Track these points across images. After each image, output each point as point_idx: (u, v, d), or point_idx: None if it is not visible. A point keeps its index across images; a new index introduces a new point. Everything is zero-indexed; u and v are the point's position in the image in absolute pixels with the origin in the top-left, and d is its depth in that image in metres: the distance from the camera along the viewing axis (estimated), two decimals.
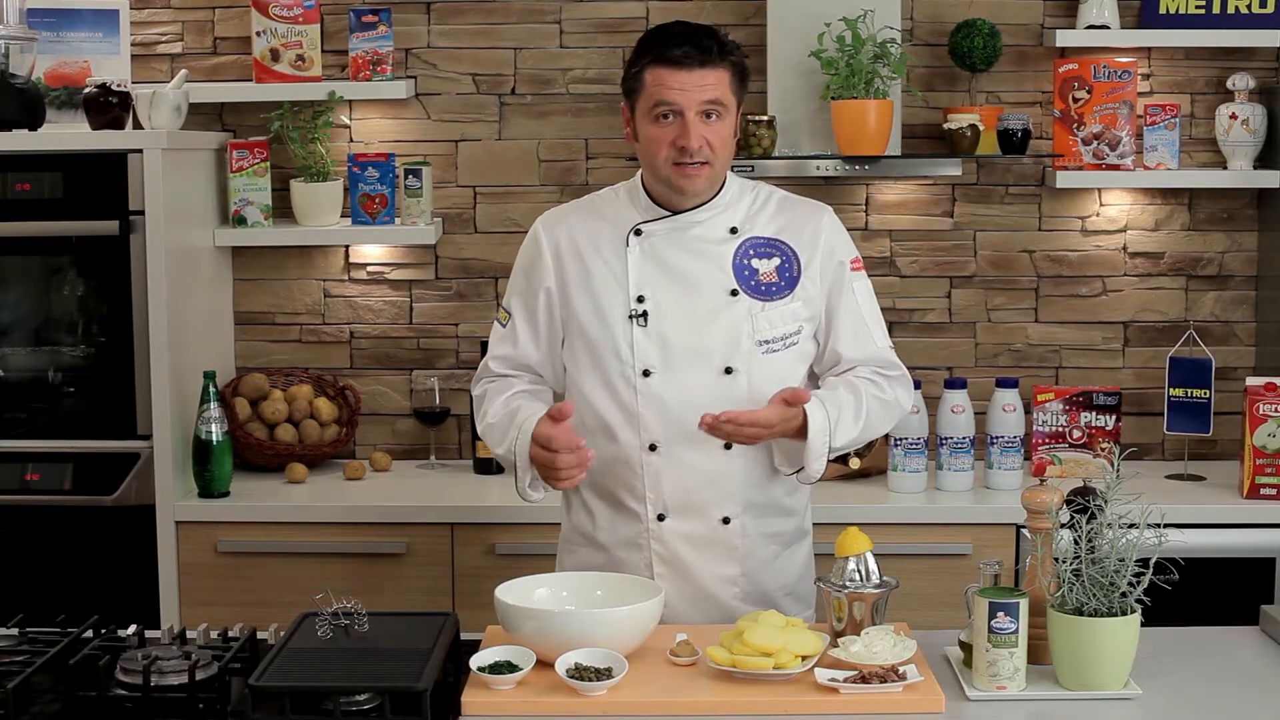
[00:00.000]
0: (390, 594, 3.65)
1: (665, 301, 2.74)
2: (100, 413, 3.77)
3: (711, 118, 2.67)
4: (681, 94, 2.65)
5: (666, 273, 2.75)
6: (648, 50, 2.70)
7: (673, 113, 2.66)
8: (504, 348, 2.89)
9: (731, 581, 2.78)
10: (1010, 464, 3.84)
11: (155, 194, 3.68)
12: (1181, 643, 2.56)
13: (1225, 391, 4.06)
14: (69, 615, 2.64)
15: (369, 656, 2.32)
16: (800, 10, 3.97)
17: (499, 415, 2.82)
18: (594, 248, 2.79)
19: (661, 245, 2.76)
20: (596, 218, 2.83)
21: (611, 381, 2.76)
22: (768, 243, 2.78)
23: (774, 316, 2.75)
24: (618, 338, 2.75)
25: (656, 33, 2.73)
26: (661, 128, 2.68)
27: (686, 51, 2.65)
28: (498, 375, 2.90)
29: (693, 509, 2.75)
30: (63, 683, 2.32)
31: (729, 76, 2.69)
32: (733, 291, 2.74)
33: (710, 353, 2.72)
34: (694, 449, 2.72)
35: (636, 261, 2.76)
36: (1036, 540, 2.42)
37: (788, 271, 2.77)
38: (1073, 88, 4.00)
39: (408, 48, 4.17)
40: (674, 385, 2.72)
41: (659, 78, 2.67)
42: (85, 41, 4.02)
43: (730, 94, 2.70)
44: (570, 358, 2.82)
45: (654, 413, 2.73)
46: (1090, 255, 4.17)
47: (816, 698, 2.26)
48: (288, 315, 4.25)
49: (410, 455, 4.23)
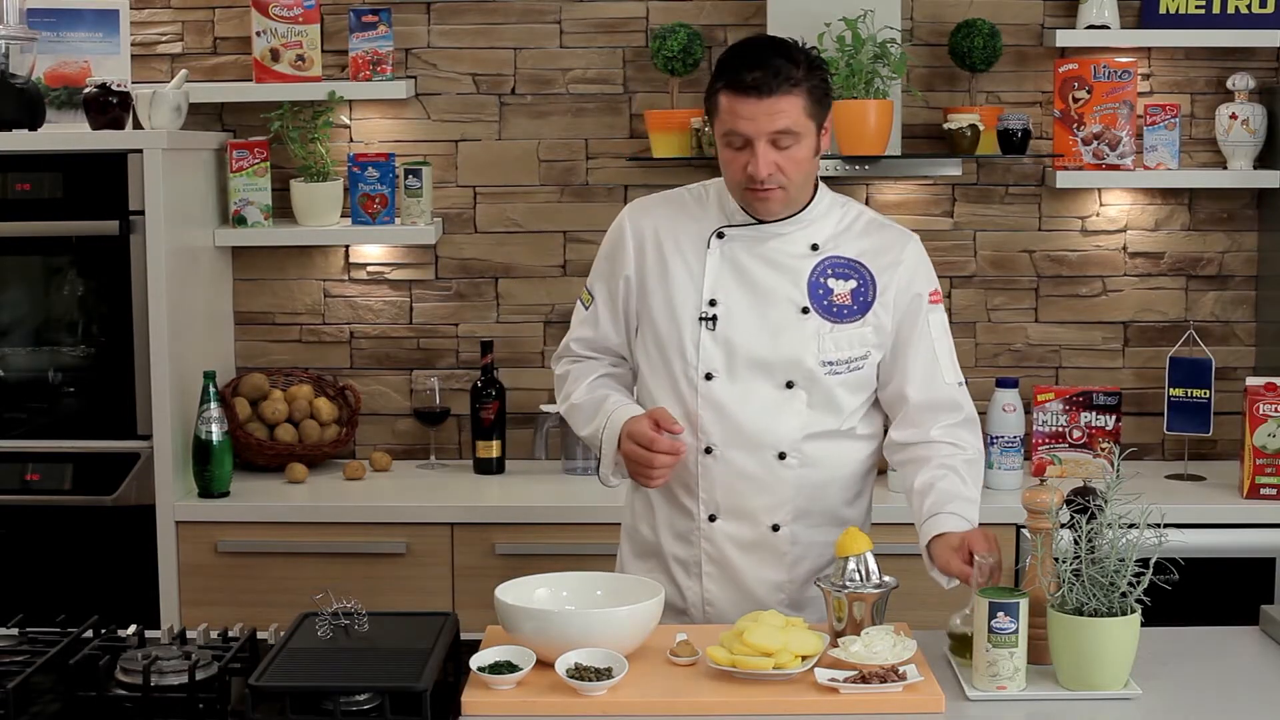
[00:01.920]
0: (390, 594, 3.65)
1: (736, 308, 2.73)
2: (100, 413, 3.77)
3: (784, 144, 2.63)
4: (751, 123, 2.60)
5: (742, 280, 2.74)
6: (723, 72, 2.64)
7: (744, 139, 2.63)
8: (585, 330, 2.89)
9: (778, 587, 2.77)
10: (1010, 464, 3.84)
11: (155, 194, 3.68)
12: (1181, 643, 2.56)
13: (1225, 391, 4.06)
14: (69, 615, 2.64)
15: (369, 656, 2.32)
16: (800, 10, 3.97)
17: (584, 398, 2.84)
18: (675, 244, 2.78)
19: (741, 252, 2.75)
20: (683, 214, 2.81)
21: (675, 379, 2.76)
22: (847, 264, 2.76)
23: (841, 339, 2.73)
24: (685, 338, 2.75)
25: (734, 52, 2.66)
26: (733, 153, 2.65)
27: (757, 79, 2.58)
28: (580, 356, 2.91)
29: (743, 513, 2.75)
30: (63, 683, 2.32)
31: (803, 101, 2.61)
32: (804, 309, 2.72)
33: (773, 366, 2.71)
34: (748, 454, 2.72)
35: (714, 264, 2.75)
36: (1036, 540, 2.42)
37: (862, 296, 2.75)
38: (1073, 88, 4.00)
39: (408, 48, 4.17)
40: (734, 392, 2.72)
41: (730, 104, 2.62)
42: (85, 41, 4.02)
43: (805, 118, 2.62)
44: (640, 348, 2.83)
45: (712, 416, 2.73)
46: (1090, 255, 4.17)
47: (816, 698, 2.26)
48: (288, 315, 4.25)
49: (410, 455, 4.23)
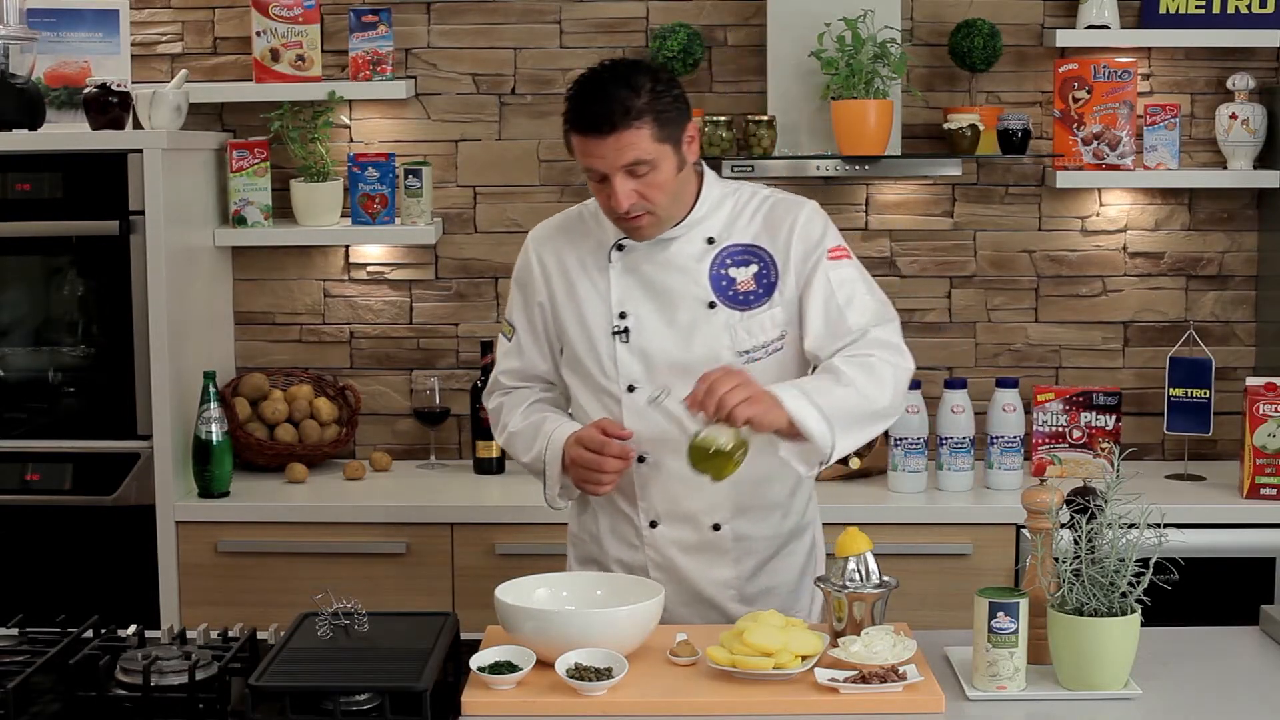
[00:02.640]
0: (390, 594, 3.65)
1: (646, 317, 2.74)
2: (100, 413, 3.77)
3: (641, 173, 2.61)
4: (601, 160, 2.59)
5: (646, 288, 2.75)
6: (568, 111, 2.63)
7: (600, 174, 2.62)
8: (511, 361, 2.90)
9: (726, 584, 2.78)
10: (1010, 464, 3.84)
11: (155, 194, 3.68)
12: (1181, 643, 2.56)
13: (1225, 391, 4.06)
14: (69, 615, 2.64)
15: (369, 656, 2.32)
16: (800, 10, 3.97)
17: (521, 425, 2.85)
18: (579, 263, 2.79)
19: (641, 261, 2.75)
20: (581, 233, 2.82)
21: (600, 395, 2.78)
22: (745, 249, 2.75)
23: (753, 325, 2.72)
24: (601, 354, 2.76)
25: (576, 88, 2.63)
26: (596, 185, 2.65)
27: (598, 116, 2.57)
28: (510, 388, 2.92)
29: (683, 517, 2.77)
30: (63, 683, 2.32)
31: (650, 129, 2.58)
32: (710, 304, 2.72)
33: (692, 366, 2.69)
34: (680, 459, 2.69)
35: (618, 278, 2.76)
36: (1036, 540, 2.42)
37: (765, 278, 2.74)
38: (1073, 88, 4.00)
39: (408, 48, 4.17)
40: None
41: (579, 144, 2.61)
42: (85, 41, 4.02)
43: (656, 144, 2.59)
44: (565, 369, 2.85)
45: (640, 426, 2.74)
46: (1090, 255, 4.18)
47: (816, 698, 2.26)
48: (288, 315, 4.25)
49: (410, 455, 4.23)
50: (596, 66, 2.66)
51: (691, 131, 2.68)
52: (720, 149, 3.94)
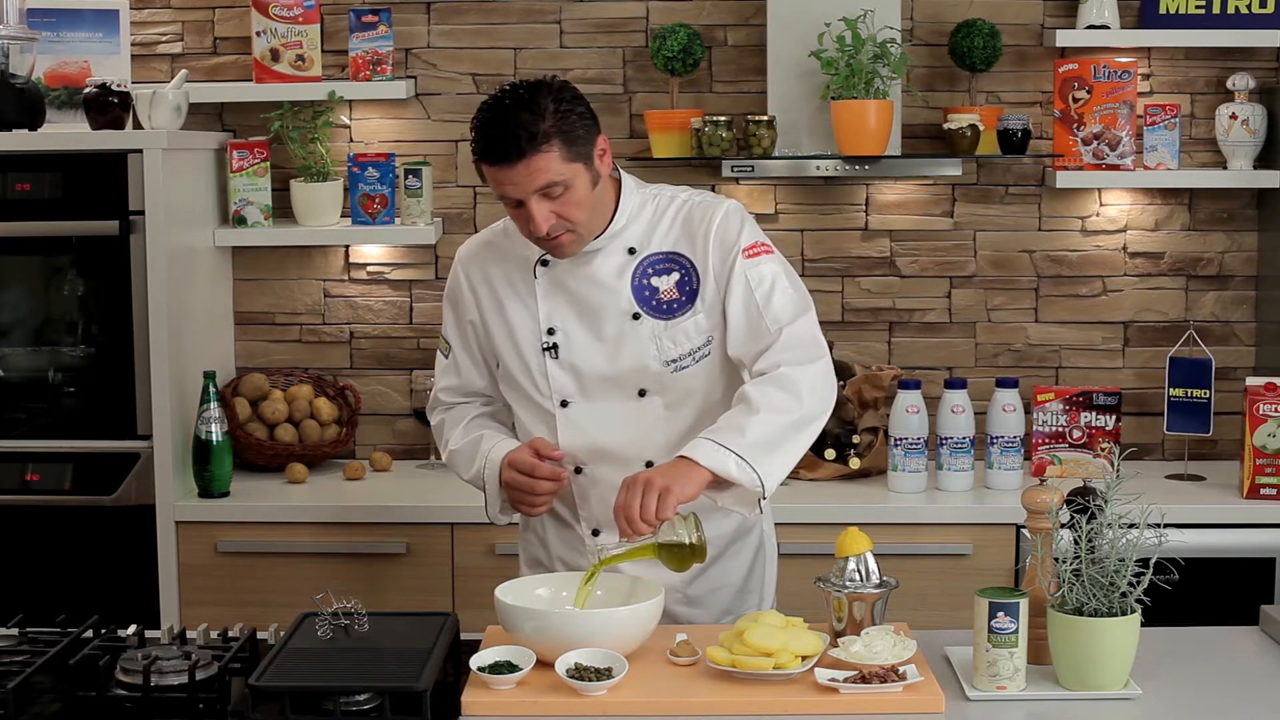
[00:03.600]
0: (390, 594, 3.65)
1: (574, 332, 2.73)
2: (100, 413, 3.77)
3: (555, 194, 2.59)
4: (514, 187, 2.57)
5: (572, 302, 2.74)
6: (474, 141, 2.61)
7: (515, 200, 2.61)
8: (449, 378, 2.92)
9: (672, 588, 2.76)
10: (1010, 464, 3.84)
11: (155, 194, 3.68)
12: (1181, 643, 2.56)
13: (1225, 391, 4.06)
14: (69, 615, 2.64)
15: (369, 656, 2.32)
16: (800, 10, 3.97)
17: (461, 442, 2.87)
18: (506, 281, 2.80)
19: (566, 275, 2.74)
20: (506, 249, 2.81)
21: (536, 411, 2.79)
22: (665, 257, 2.73)
23: (677, 334, 2.71)
24: (533, 370, 2.77)
25: (481, 122, 2.59)
26: (514, 210, 2.63)
27: (504, 147, 2.54)
28: (450, 404, 2.94)
29: None
30: (63, 683, 2.33)
31: (557, 152, 2.55)
32: (635, 315, 2.71)
33: (622, 379, 2.71)
34: (616, 469, 2.71)
35: (544, 294, 2.75)
36: (1036, 540, 2.42)
37: (687, 285, 2.72)
38: (1073, 88, 4.00)
39: (408, 48, 4.17)
40: (591, 413, 2.74)
41: (490, 172, 2.60)
42: (85, 41, 4.02)
43: (565, 164, 2.56)
44: (502, 385, 2.87)
45: (576, 440, 2.75)
46: (1090, 255, 4.17)
47: (816, 698, 2.27)
48: (288, 315, 4.25)
49: (410, 455, 4.23)
50: (498, 93, 2.62)
51: (602, 145, 2.65)
52: (720, 149, 3.94)
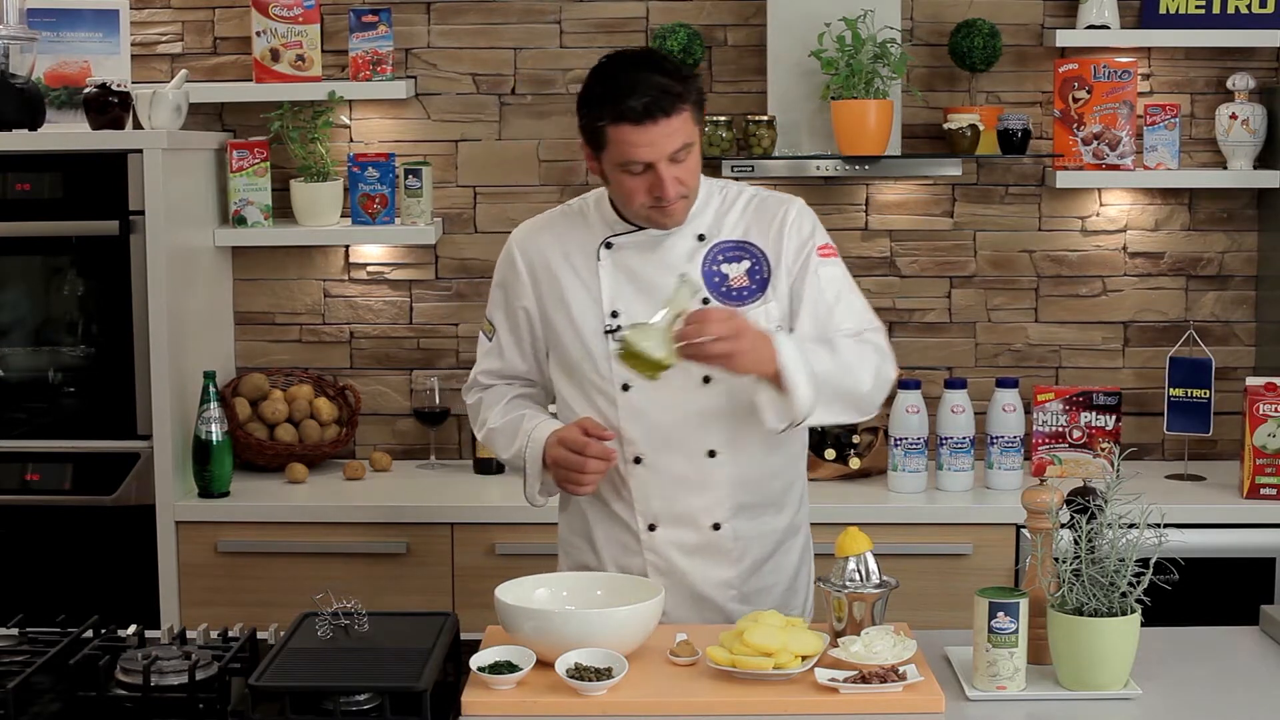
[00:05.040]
0: (390, 594, 3.65)
1: (639, 315, 2.71)
2: (100, 413, 3.77)
3: (681, 158, 2.61)
4: (650, 149, 2.57)
5: (638, 286, 2.73)
6: (605, 105, 2.59)
7: (644, 165, 2.60)
8: (492, 361, 2.89)
9: (727, 584, 2.77)
10: (1010, 464, 3.84)
11: (155, 194, 3.68)
12: (1181, 643, 2.56)
13: (1225, 391, 4.06)
14: (69, 615, 2.64)
15: (369, 656, 2.32)
16: (800, 10, 3.97)
17: (501, 421, 2.84)
18: (567, 263, 2.78)
19: (632, 258, 2.74)
20: (568, 231, 2.80)
21: (591, 396, 2.76)
22: (736, 245, 2.74)
23: None
24: (595, 353, 2.74)
25: (610, 80, 2.61)
26: (634, 178, 2.62)
27: (649, 106, 2.55)
28: (489, 385, 2.92)
29: (683, 518, 2.75)
30: (63, 683, 2.32)
31: (690, 113, 2.60)
32: (705, 300, 2.71)
33: (687, 363, 2.68)
34: (678, 457, 2.71)
35: (609, 276, 2.74)
36: (1036, 540, 2.42)
37: (758, 274, 2.74)
38: (1073, 88, 4.00)
39: (408, 48, 4.17)
40: (653, 398, 2.71)
41: (624, 136, 2.57)
42: (85, 41, 4.02)
43: (694, 127, 2.62)
44: (554, 370, 2.83)
45: (635, 426, 2.73)
46: (1090, 255, 4.18)
47: (816, 698, 2.26)
48: (288, 315, 4.25)
49: (410, 455, 4.23)
50: (615, 58, 2.65)
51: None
52: (720, 149, 3.94)
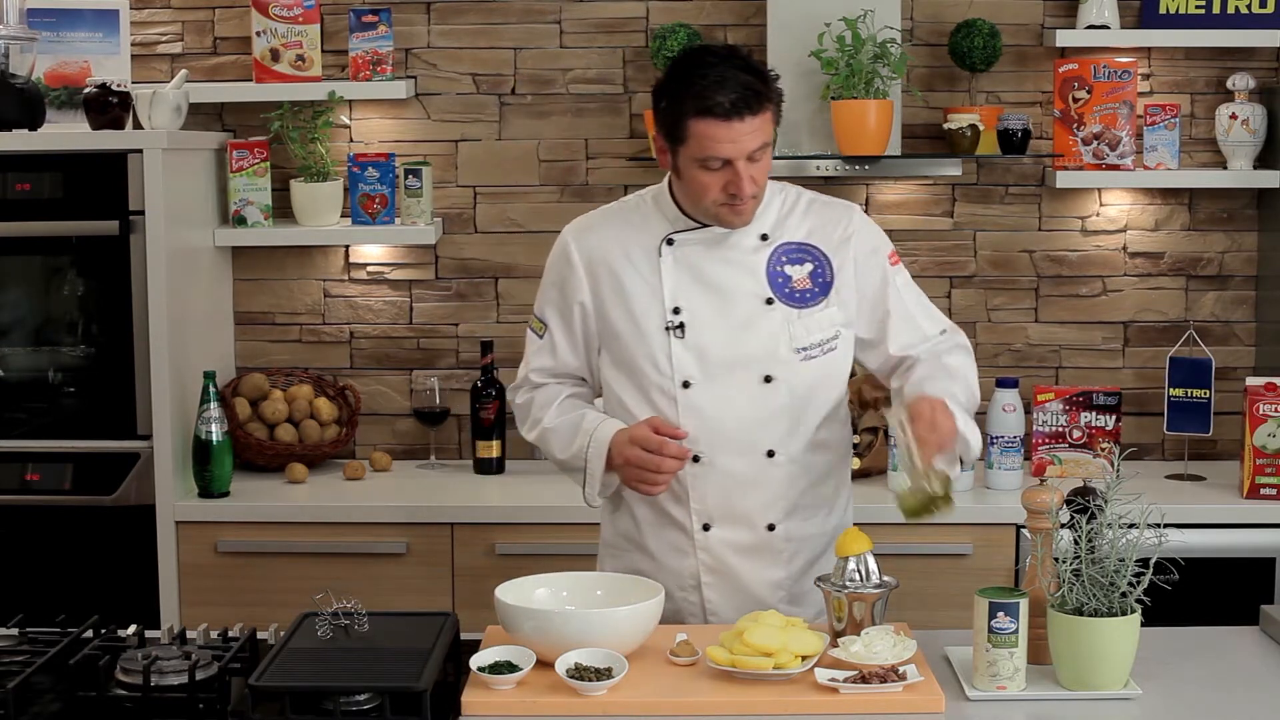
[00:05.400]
0: (390, 594, 3.65)
1: (701, 312, 2.71)
2: (100, 413, 3.77)
3: (757, 157, 2.62)
4: (732, 145, 2.57)
5: (701, 283, 2.72)
6: (688, 97, 2.58)
7: (723, 161, 2.60)
8: (543, 359, 2.85)
9: (778, 585, 2.76)
10: (1010, 464, 3.84)
11: (155, 194, 3.68)
12: (1181, 643, 2.56)
13: (1225, 391, 4.06)
14: (69, 615, 2.64)
15: (369, 656, 2.32)
16: (800, 10, 3.97)
17: (558, 420, 2.80)
18: (626, 259, 2.75)
19: (694, 255, 2.73)
20: (626, 227, 2.78)
21: (650, 393, 2.73)
22: (799, 247, 2.75)
23: (810, 323, 2.72)
24: (655, 350, 2.72)
25: (697, 78, 2.59)
26: (710, 173, 2.61)
27: (736, 104, 2.55)
28: (540, 384, 2.87)
29: (738, 518, 2.73)
30: (63, 683, 2.33)
31: (770, 114, 2.61)
32: (768, 300, 2.71)
33: (749, 362, 2.70)
34: (737, 457, 2.71)
35: (670, 272, 2.73)
36: (1036, 540, 2.42)
37: (821, 277, 2.74)
38: (1073, 88, 4.00)
39: (408, 48, 4.17)
40: (713, 396, 2.70)
41: (707, 131, 2.57)
42: (85, 41, 4.02)
43: (772, 128, 2.63)
44: (607, 368, 2.80)
45: (695, 424, 2.70)
46: (1090, 255, 4.18)
47: (816, 698, 2.26)
48: (288, 315, 4.25)
49: (410, 455, 4.23)
50: (699, 52, 2.64)
51: None
52: None
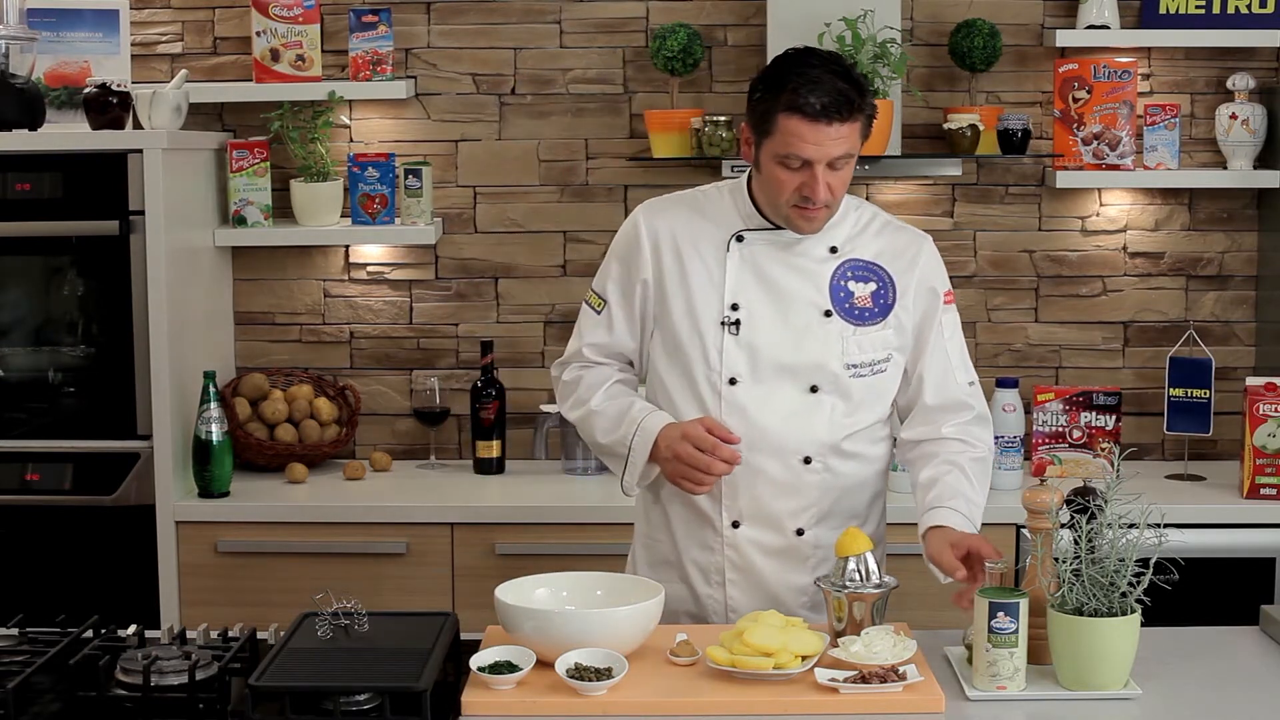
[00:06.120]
0: (390, 594, 3.65)
1: (759, 312, 2.70)
2: (100, 413, 3.77)
3: (839, 166, 2.61)
4: (816, 148, 2.57)
5: (763, 284, 2.72)
6: (782, 92, 2.58)
7: (803, 162, 2.59)
8: (599, 335, 2.83)
9: (801, 590, 2.75)
10: (1010, 464, 3.84)
11: (155, 194, 3.68)
12: (1181, 643, 2.56)
13: (1225, 391, 4.06)
14: (69, 615, 2.64)
15: (369, 656, 2.32)
16: (800, 10, 3.97)
17: (604, 405, 2.79)
18: (694, 247, 2.75)
19: (761, 255, 2.73)
20: (699, 216, 2.77)
21: (696, 384, 2.73)
22: (866, 266, 2.74)
23: (865, 341, 2.71)
24: (708, 342, 2.72)
25: (798, 73, 2.58)
26: (788, 172, 2.61)
27: (828, 107, 2.55)
28: (591, 362, 2.85)
29: (768, 519, 2.73)
30: (63, 683, 2.33)
31: (862, 125, 2.61)
32: (826, 312, 2.70)
33: (798, 370, 2.69)
34: (773, 459, 2.70)
35: (735, 268, 2.72)
36: (1036, 540, 2.42)
37: (883, 298, 2.74)
38: (1073, 88, 4.00)
39: (408, 48, 4.17)
40: (758, 396, 2.70)
41: (794, 129, 2.56)
42: (85, 41, 4.02)
43: (858, 140, 2.62)
44: (657, 353, 2.79)
45: (737, 421, 2.70)
46: (1090, 255, 4.18)
47: (816, 698, 2.27)
48: (288, 315, 4.25)
49: (410, 455, 4.23)
50: (804, 52, 2.63)
51: None
52: (720, 149, 3.94)
